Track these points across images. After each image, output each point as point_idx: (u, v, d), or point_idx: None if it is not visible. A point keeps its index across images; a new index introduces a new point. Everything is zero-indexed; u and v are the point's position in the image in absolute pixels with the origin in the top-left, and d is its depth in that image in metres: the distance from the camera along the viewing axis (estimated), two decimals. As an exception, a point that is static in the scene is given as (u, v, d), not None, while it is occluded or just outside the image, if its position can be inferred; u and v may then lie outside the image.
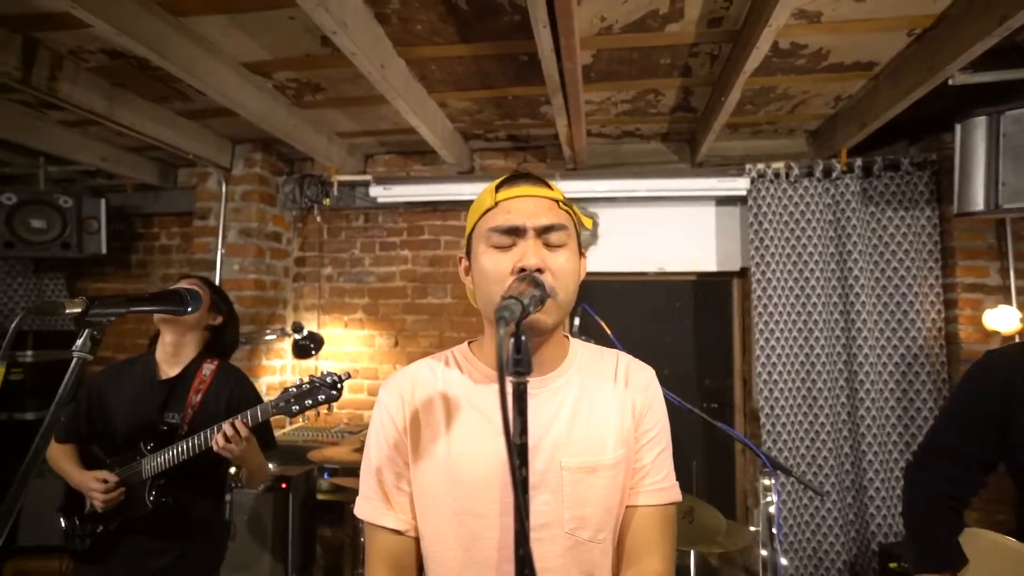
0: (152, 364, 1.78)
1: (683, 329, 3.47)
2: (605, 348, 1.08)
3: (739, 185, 2.96)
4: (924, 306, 2.75)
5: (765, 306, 2.88)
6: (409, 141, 3.29)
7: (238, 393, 1.82)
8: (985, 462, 1.21)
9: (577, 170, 3.23)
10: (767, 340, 2.87)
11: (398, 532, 0.94)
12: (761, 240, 2.91)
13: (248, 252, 3.29)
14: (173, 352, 1.79)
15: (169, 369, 1.78)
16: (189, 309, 1.08)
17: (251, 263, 3.28)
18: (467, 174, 3.43)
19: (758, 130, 3.05)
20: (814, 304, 2.84)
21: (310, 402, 1.66)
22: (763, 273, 2.90)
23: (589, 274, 3.29)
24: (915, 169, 2.76)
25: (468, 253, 0.99)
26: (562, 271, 0.90)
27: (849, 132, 2.68)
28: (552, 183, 1.01)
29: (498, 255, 0.90)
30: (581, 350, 1.04)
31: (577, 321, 2.42)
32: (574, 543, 0.91)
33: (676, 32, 2.10)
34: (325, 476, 2.91)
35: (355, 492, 1.00)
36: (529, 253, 0.88)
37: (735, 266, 3.24)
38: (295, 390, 1.67)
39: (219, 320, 1.87)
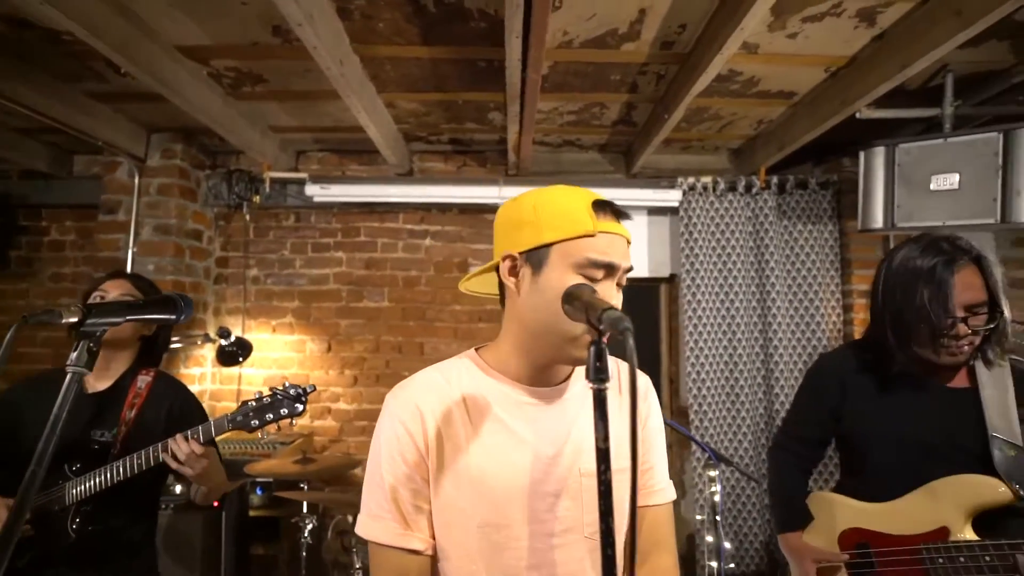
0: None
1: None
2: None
3: (672, 197, 3.16)
4: (826, 310, 3.10)
5: (695, 310, 3.11)
6: (348, 140, 3.19)
7: (179, 406, 1.68)
8: (824, 441, 1.50)
9: (519, 176, 3.29)
10: (696, 342, 3.10)
11: (416, 552, 0.90)
12: (691, 248, 3.13)
13: (166, 251, 3.01)
14: (103, 364, 1.61)
15: (97, 382, 1.61)
16: (183, 317, 0.99)
17: (169, 263, 3.01)
18: (406, 176, 3.38)
19: (688, 146, 3.28)
20: (737, 308, 3.10)
21: (271, 416, 1.58)
22: (692, 279, 3.12)
23: (529, 278, 3.39)
24: (820, 188, 3.11)
25: (528, 258, 0.92)
26: None
27: (769, 152, 2.96)
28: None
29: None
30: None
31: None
32: (592, 547, 0.93)
33: (631, 51, 2.21)
34: (258, 492, 2.74)
35: (292, 505, 0.96)
36: (614, 296, 0.90)
37: (664, 272, 3.45)
38: (254, 403, 1.58)
39: (154, 328, 1.71)
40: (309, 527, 2.40)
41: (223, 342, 2.92)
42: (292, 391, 1.57)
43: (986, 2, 1.68)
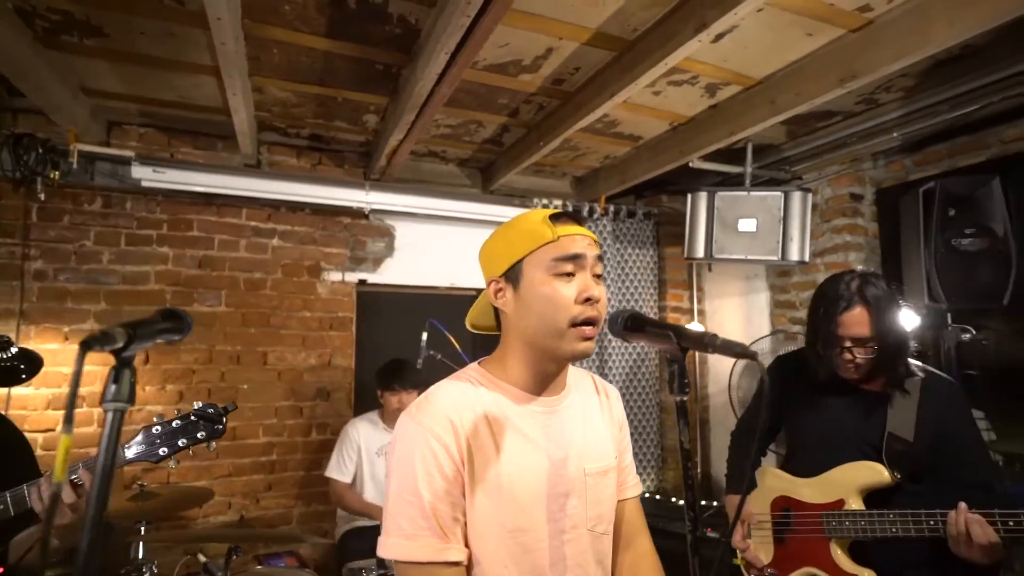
0: None
1: (466, 340, 3.76)
2: (578, 368, 1.24)
3: (528, 215, 3.42)
4: (645, 322, 3.68)
5: (545, 320, 3.41)
6: (184, 118, 2.76)
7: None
8: (773, 430, 1.88)
9: (383, 181, 3.22)
10: (545, 349, 3.39)
11: (456, 564, 0.93)
12: (543, 264, 3.43)
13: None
14: None
15: None
16: (184, 335, 0.82)
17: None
18: (253, 168, 3.04)
19: (540, 170, 3.58)
20: (579, 319, 3.48)
21: (184, 442, 1.36)
22: (543, 292, 3.42)
23: (385, 285, 3.33)
24: (644, 218, 3.69)
25: (508, 279, 1.02)
26: (602, 301, 1.02)
27: (611, 184, 3.42)
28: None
29: (562, 285, 0.98)
30: (570, 371, 1.15)
31: (425, 336, 2.45)
32: (593, 538, 1.06)
33: (526, 81, 2.39)
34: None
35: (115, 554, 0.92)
36: (591, 286, 0.99)
37: (513, 284, 3.70)
38: (160, 428, 1.34)
39: None
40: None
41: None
42: (209, 410, 1.36)
43: (792, 99, 2.26)
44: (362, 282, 3.27)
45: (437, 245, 3.46)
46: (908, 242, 2.15)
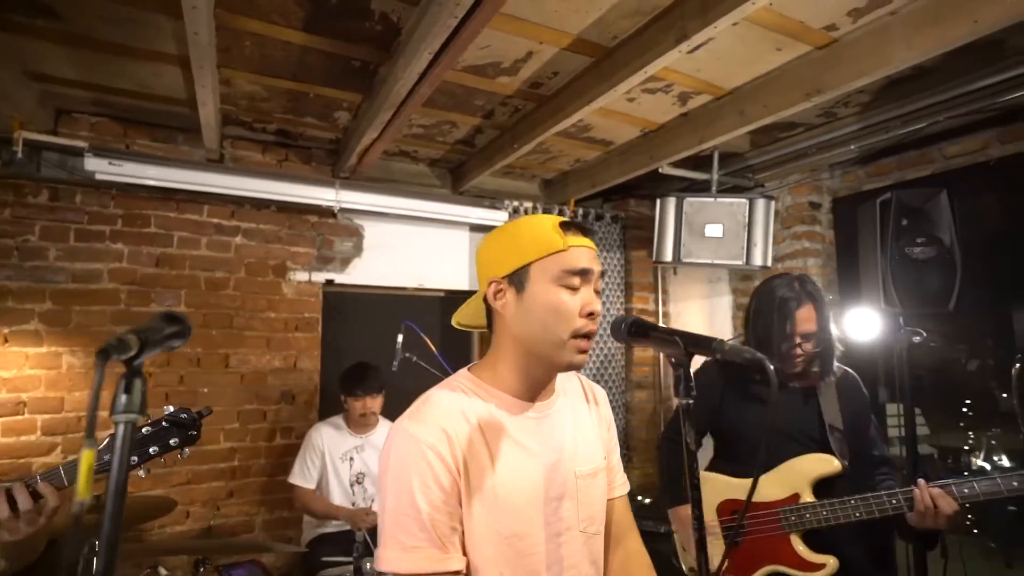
0: None
1: (432, 340, 3.72)
2: (565, 372, 1.26)
3: (499, 217, 3.43)
4: (611, 323, 3.75)
5: (515, 322, 3.42)
6: (142, 109, 2.63)
7: None
8: (704, 432, 1.90)
9: (352, 180, 3.15)
10: (515, 350, 3.40)
11: (456, 573, 0.93)
12: (513, 266, 3.44)
13: None
14: None
15: None
16: (185, 340, 0.78)
17: None
18: (217, 163, 2.93)
19: (510, 172, 3.59)
20: (549, 321, 3.51)
21: (155, 449, 1.30)
22: (513, 294, 3.43)
23: (353, 285, 3.27)
24: (612, 222, 3.75)
25: (511, 281, 1.02)
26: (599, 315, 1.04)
27: (581, 187, 3.46)
28: None
29: (568, 296, 0.99)
30: (559, 375, 1.16)
31: (400, 338, 2.42)
32: (586, 539, 1.08)
33: (503, 83, 2.39)
34: None
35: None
36: (594, 301, 1.01)
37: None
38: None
39: None
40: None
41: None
42: (182, 415, 1.31)
43: (760, 110, 2.35)
44: (329, 282, 3.20)
45: (406, 245, 3.42)
46: (866, 249, 2.27)
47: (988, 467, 4.24)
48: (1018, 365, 2.33)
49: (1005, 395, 4.75)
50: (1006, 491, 1.43)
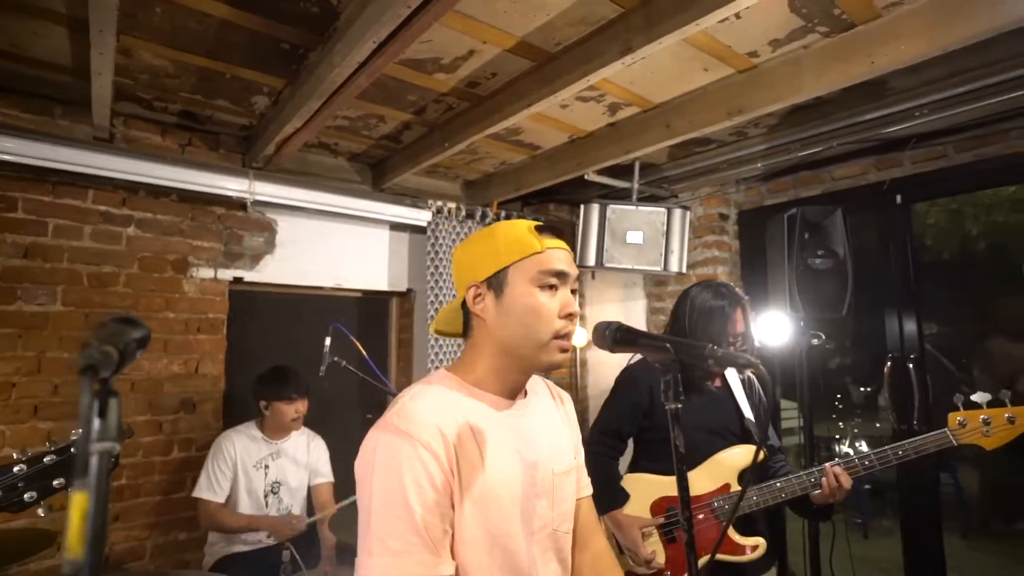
0: None
1: (347, 343, 3.55)
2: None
3: (422, 216, 3.34)
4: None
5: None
6: (12, 73, 2.27)
7: None
8: (631, 434, 1.97)
9: (267, 170, 2.92)
10: (436, 352, 3.34)
11: None
12: (436, 266, 3.37)
13: None
14: None
15: None
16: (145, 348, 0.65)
17: None
18: (105, 142, 2.58)
19: (433, 171, 3.51)
20: (471, 323, 3.49)
21: (60, 482, 1.13)
22: (436, 295, 3.36)
23: (264, 284, 3.04)
24: (534, 226, 3.80)
25: (490, 285, 1.03)
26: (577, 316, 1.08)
27: (504, 190, 3.46)
28: None
29: (548, 297, 1.01)
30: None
31: (328, 341, 2.27)
32: (557, 537, 1.10)
33: (440, 80, 2.33)
34: None
35: None
36: (572, 302, 1.04)
37: (402, 287, 3.58)
38: (23, 467, 1.09)
39: None
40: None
41: None
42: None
43: (685, 125, 2.49)
44: (237, 280, 2.94)
45: (322, 243, 3.23)
46: (774, 259, 2.49)
47: (851, 452, 4.82)
48: (889, 364, 2.67)
49: (863, 389, 5.42)
50: (894, 459, 1.65)
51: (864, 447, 5.02)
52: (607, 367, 3.54)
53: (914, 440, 1.64)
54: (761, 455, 1.75)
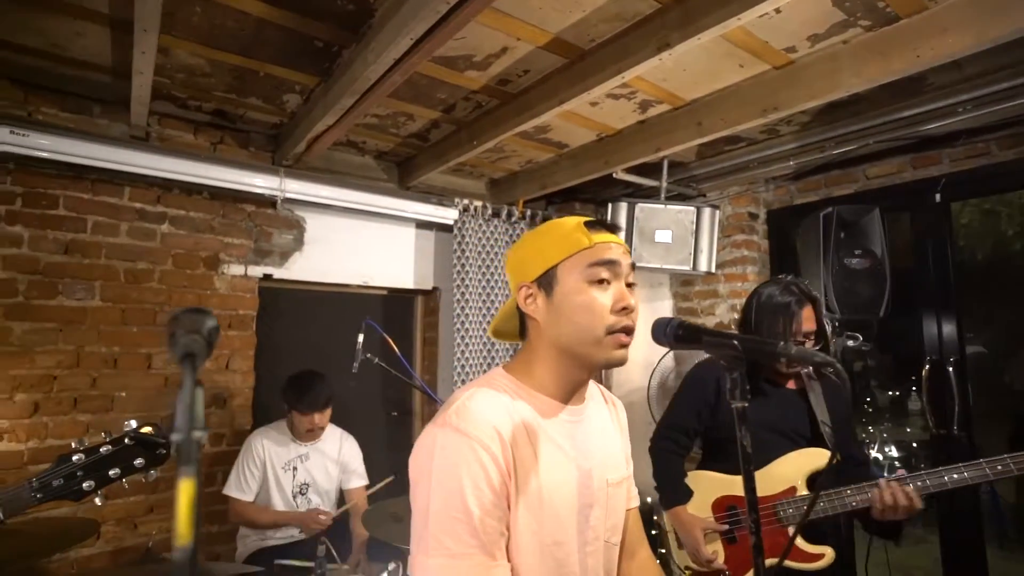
0: None
1: (372, 341, 3.57)
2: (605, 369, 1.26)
3: (449, 214, 3.35)
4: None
5: (463, 322, 3.35)
6: (51, 73, 2.32)
7: None
8: (698, 432, 1.96)
9: (296, 168, 2.95)
10: (463, 351, 3.34)
11: None
12: (463, 264, 3.38)
13: None
14: None
15: None
16: None
17: None
18: (141, 140, 2.63)
19: (458, 169, 3.52)
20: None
21: (116, 472, 1.14)
22: (462, 293, 3.37)
23: (292, 281, 3.07)
24: (558, 224, 3.78)
25: (540, 284, 1.00)
26: (637, 311, 1.02)
27: (530, 188, 3.45)
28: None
29: (599, 293, 0.97)
30: None
31: (361, 338, 2.28)
32: (607, 548, 1.07)
33: (471, 78, 2.33)
34: None
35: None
36: (627, 295, 0.99)
37: (428, 285, 3.59)
38: (82, 456, 1.11)
39: None
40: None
41: None
42: (149, 431, 1.15)
43: (717, 122, 2.45)
44: (267, 277, 2.97)
45: (350, 241, 3.25)
46: (808, 258, 2.45)
47: (880, 457, 4.72)
48: (928, 367, 2.60)
49: (891, 393, 5.30)
50: (950, 484, 1.57)
51: (894, 452, 4.92)
52: (632, 365, 3.51)
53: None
54: (828, 458, 1.71)
